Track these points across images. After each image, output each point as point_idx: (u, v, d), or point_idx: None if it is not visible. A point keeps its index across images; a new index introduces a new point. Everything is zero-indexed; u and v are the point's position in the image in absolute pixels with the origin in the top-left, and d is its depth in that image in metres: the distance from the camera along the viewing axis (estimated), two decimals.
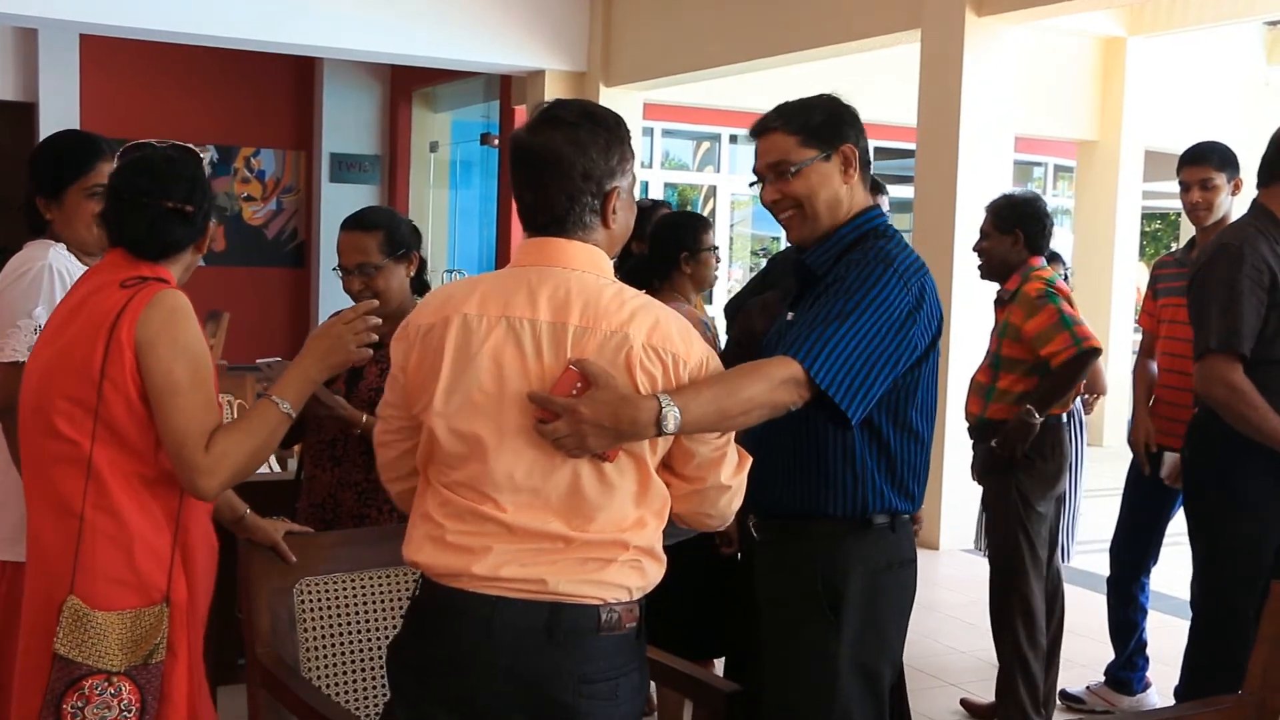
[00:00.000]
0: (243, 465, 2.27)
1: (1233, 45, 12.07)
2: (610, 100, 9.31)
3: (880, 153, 11.86)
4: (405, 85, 12.86)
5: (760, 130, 2.46)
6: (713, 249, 3.86)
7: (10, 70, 11.39)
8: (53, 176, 2.89)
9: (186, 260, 2.42)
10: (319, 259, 12.78)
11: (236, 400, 6.43)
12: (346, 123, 12.97)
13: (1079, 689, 4.57)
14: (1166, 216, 19.80)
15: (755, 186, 2.49)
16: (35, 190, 2.90)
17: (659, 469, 1.99)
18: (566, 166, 1.95)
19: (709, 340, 3.65)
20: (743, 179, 2.75)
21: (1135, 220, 10.95)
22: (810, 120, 2.40)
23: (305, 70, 12.92)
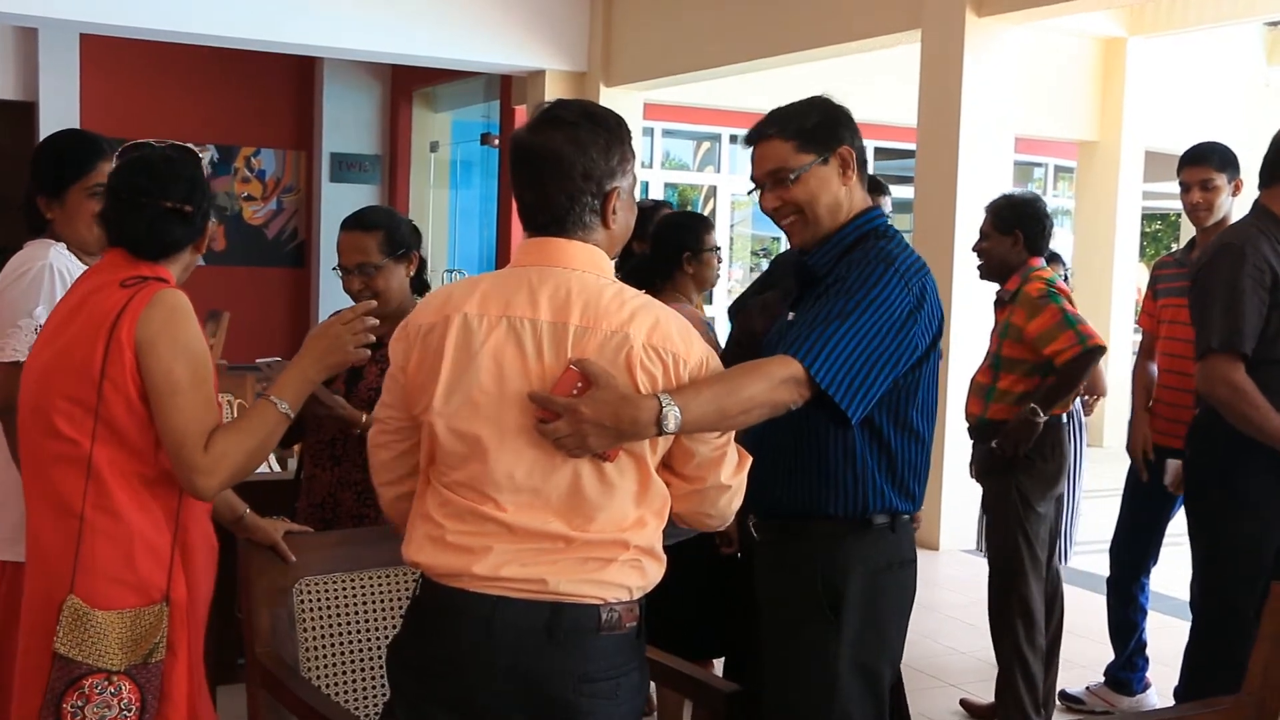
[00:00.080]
0: (241, 465, 2.28)
1: (1233, 46, 12.07)
2: (610, 100, 9.31)
3: (880, 153, 11.86)
4: (405, 85, 12.86)
5: (755, 138, 2.45)
6: (715, 249, 3.86)
7: (10, 70, 11.38)
8: (54, 176, 2.89)
9: (185, 260, 2.42)
10: (319, 259, 12.78)
11: (236, 400, 6.43)
12: (347, 122, 12.97)
13: (1079, 689, 4.57)
14: (1167, 217, 19.81)
15: (753, 194, 2.48)
16: (36, 189, 2.90)
17: (659, 469, 1.99)
18: (567, 166, 1.95)
19: (710, 341, 3.64)
20: (743, 179, 2.75)
21: (1135, 221, 10.95)
22: (805, 124, 2.40)
23: (306, 70, 12.92)
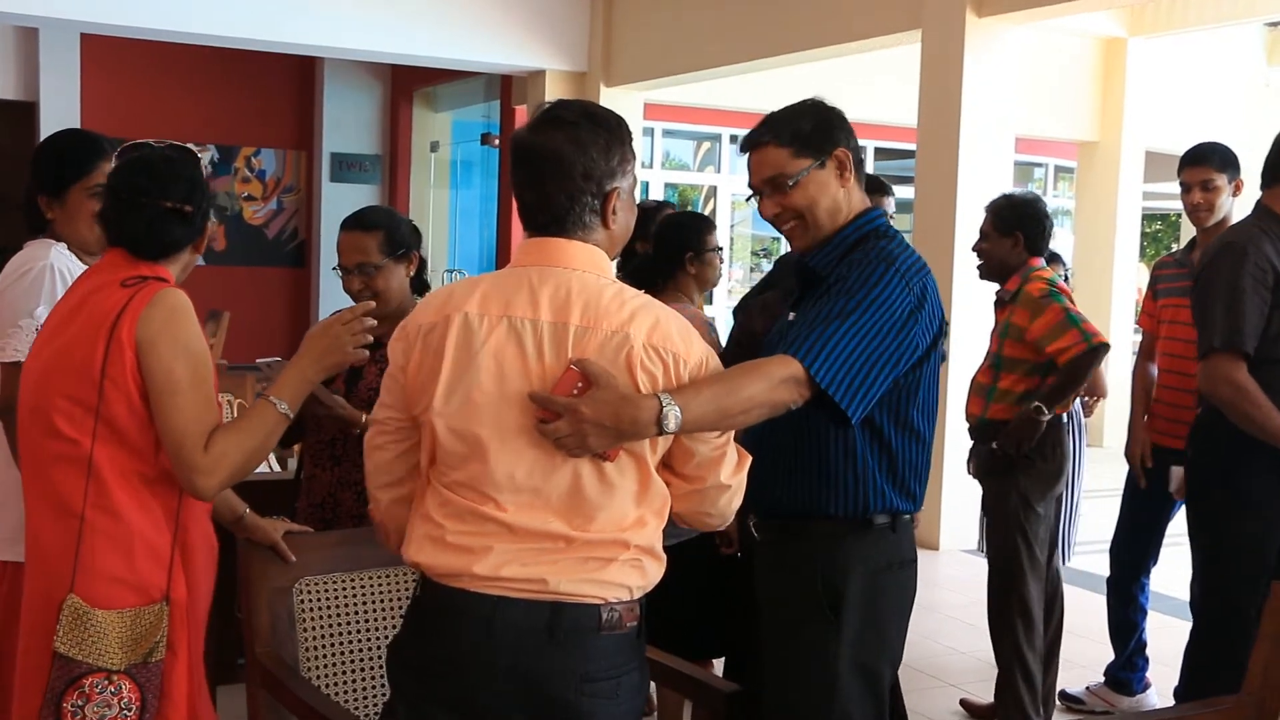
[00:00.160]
0: (241, 465, 2.28)
1: (1233, 46, 12.07)
2: (611, 100, 9.31)
3: (880, 153, 11.86)
4: (406, 85, 12.86)
5: (751, 144, 2.44)
6: (717, 249, 3.86)
7: (11, 69, 11.38)
8: (55, 175, 2.89)
9: (185, 260, 2.42)
10: (319, 259, 12.77)
11: (236, 400, 6.42)
12: (347, 122, 12.97)
13: (1079, 689, 4.56)
14: (1167, 217, 19.81)
15: (752, 200, 2.48)
16: (37, 189, 2.90)
17: (659, 468, 1.99)
18: (567, 166, 1.95)
19: (712, 341, 3.64)
20: (743, 179, 2.74)
21: (1136, 221, 10.94)
22: (800, 129, 2.39)
23: (306, 70, 12.92)
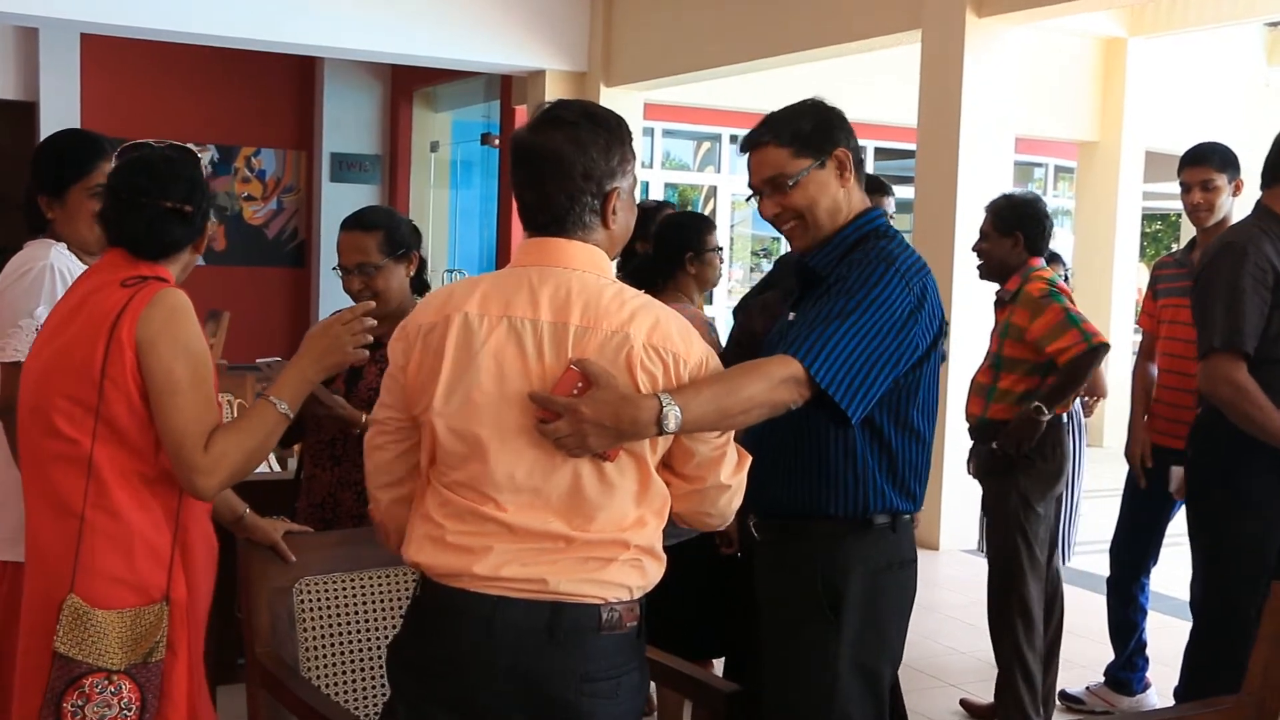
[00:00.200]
0: (241, 465, 2.28)
1: (1233, 46, 12.07)
2: (610, 100, 9.31)
3: (880, 153, 11.86)
4: (406, 85, 12.86)
5: (751, 145, 2.44)
6: (717, 249, 3.85)
7: (11, 69, 11.38)
8: (55, 175, 2.89)
9: (185, 260, 2.42)
10: (319, 259, 12.77)
11: (236, 400, 6.42)
12: (347, 122, 12.97)
13: (1079, 689, 4.56)
14: (1167, 217, 19.81)
15: (751, 200, 2.48)
16: (37, 189, 2.90)
17: (659, 468, 1.99)
18: (567, 166, 1.95)
19: (713, 341, 3.64)
20: (743, 179, 2.74)
21: (1136, 221, 10.94)
22: (800, 129, 2.39)
23: (306, 70, 12.92)
